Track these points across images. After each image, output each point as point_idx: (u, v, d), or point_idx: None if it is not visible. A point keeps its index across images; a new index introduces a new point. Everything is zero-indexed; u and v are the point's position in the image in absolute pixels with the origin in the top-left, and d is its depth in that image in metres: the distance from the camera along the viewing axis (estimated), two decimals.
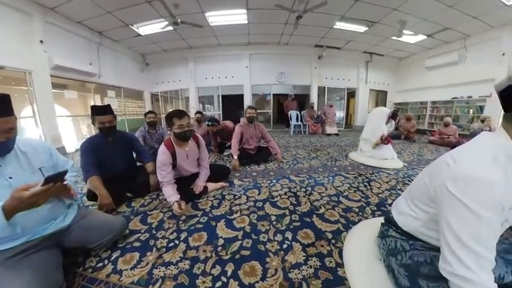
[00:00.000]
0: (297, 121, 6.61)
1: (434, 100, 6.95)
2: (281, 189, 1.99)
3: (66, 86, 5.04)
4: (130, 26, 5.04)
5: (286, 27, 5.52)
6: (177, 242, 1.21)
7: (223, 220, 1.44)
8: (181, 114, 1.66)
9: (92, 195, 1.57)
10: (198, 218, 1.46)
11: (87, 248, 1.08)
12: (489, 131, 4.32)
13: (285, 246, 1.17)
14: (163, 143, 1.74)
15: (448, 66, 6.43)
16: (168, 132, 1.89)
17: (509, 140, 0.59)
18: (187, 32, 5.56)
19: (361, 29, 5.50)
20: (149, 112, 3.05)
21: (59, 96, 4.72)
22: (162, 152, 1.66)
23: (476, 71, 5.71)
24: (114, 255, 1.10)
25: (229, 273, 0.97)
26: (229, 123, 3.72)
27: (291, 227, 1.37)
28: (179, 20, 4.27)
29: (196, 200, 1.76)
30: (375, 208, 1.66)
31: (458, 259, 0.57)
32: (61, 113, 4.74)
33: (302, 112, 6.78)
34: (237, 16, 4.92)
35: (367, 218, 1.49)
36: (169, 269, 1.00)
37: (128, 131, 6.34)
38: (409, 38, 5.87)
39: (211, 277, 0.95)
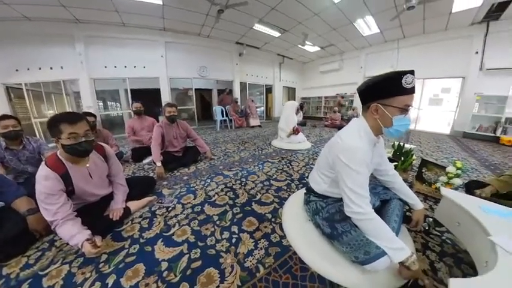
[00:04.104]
0: (222, 116, 6.66)
1: (326, 95, 9.45)
2: (217, 187, 1.96)
3: None
4: None
5: (207, 18, 5.25)
6: None
7: (161, 240, 1.21)
8: (73, 117, 1.14)
9: None
10: (127, 250, 1.14)
11: None
12: (356, 116, 6.30)
13: (233, 240, 1.20)
14: (43, 162, 1.16)
15: (333, 72, 8.84)
16: (55, 145, 1.18)
17: (365, 122, 0.95)
18: None
19: (276, 34, 6.24)
20: (3, 117, 1.75)
21: None
22: (45, 177, 1.09)
23: (348, 76, 8.25)
24: None
25: None
26: (151, 120, 3.18)
27: (235, 220, 1.41)
28: None
29: (118, 228, 1.34)
30: (298, 183, 2.05)
31: (352, 202, 0.87)
32: None
33: (227, 107, 6.87)
34: None
35: (294, 192, 1.80)
36: None
37: None
38: (309, 47, 7.58)
39: None
